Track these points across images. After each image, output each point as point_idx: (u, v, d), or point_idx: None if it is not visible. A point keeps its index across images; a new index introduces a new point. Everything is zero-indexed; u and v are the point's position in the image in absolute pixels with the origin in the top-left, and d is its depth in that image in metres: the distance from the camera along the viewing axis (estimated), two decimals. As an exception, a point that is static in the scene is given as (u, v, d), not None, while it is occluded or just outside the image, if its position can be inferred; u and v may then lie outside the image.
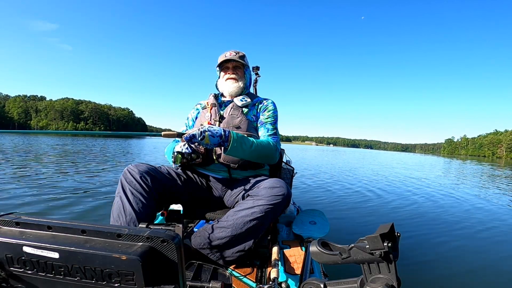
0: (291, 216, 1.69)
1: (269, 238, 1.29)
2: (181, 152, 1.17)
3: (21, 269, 0.44)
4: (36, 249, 0.42)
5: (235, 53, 1.42)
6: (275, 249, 1.09)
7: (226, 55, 1.41)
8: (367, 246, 0.49)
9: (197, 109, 1.49)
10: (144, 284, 0.41)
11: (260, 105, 1.43)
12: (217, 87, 1.50)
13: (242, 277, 1.05)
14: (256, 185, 1.16)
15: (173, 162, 1.16)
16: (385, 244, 0.47)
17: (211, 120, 1.34)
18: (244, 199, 1.16)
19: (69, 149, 11.56)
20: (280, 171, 1.68)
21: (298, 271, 1.10)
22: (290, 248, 1.29)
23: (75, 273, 0.42)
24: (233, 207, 1.15)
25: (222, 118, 1.34)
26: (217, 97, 1.45)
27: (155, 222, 1.32)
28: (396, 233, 0.50)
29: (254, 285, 1.01)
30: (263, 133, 1.35)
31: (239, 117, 1.33)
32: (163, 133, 1.06)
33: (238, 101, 1.38)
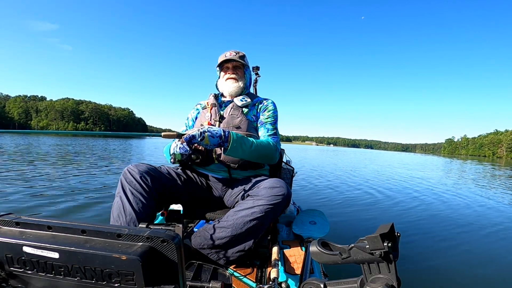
0: (291, 216, 1.69)
1: (269, 238, 1.29)
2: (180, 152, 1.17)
3: (21, 269, 0.44)
4: (36, 249, 0.42)
5: (235, 53, 1.42)
6: (275, 249, 1.09)
7: (226, 55, 1.41)
8: (367, 246, 0.49)
9: (197, 109, 1.49)
10: (144, 284, 0.41)
11: (260, 105, 1.42)
12: (217, 87, 1.51)
13: (242, 277, 1.05)
14: (256, 185, 1.16)
15: (172, 163, 1.17)
16: (385, 244, 0.47)
17: (211, 120, 1.34)
18: (244, 199, 1.16)
19: (70, 149, 11.57)
20: (280, 171, 1.68)
21: (298, 271, 1.10)
22: (290, 248, 1.29)
23: (75, 273, 0.42)
24: (233, 207, 1.15)
25: (222, 118, 1.34)
26: (217, 97, 1.45)
27: (155, 222, 1.32)
28: (396, 233, 0.50)
29: (254, 285, 1.01)
30: (263, 133, 1.35)
31: (239, 117, 1.33)
32: (163, 133, 1.06)
33: (238, 101, 1.38)
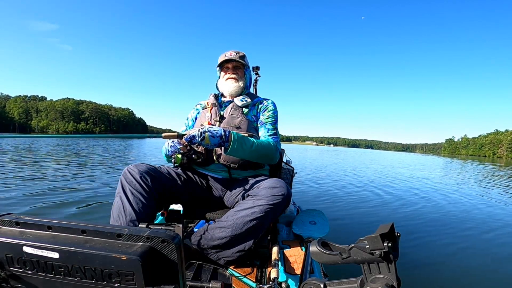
0: (291, 216, 1.69)
1: (269, 238, 1.29)
2: (181, 152, 1.18)
3: (21, 269, 0.44)
4: (36, 249, 0.42)
5: (235, 53, 1.42)
6: (275, 249, 1.09)
7: (226, 55, 1.42)
8: (367, 246, 0.49)
9: (197, 109, 1.49)
10: (144, 284, 0.41)
11: (260, 105, 1.43)
12: (217, 87, 1.51)
13: (242, 277, 1.05)
14: (256, 185, 1.16)
15: (173, 163, 1.16)
16: (385, 244, 0.47)
17: (211, 120, 1.34)
18: (244, 199, 1.16)
19: (70, 150, 11.57)
20: (280, 171, 1.68)
21: (298, 271, 1.10)
22: (290, 248, 1.29)
23: (75, 273, 0.42)
24: (233, 207, 1.15)
25: (222, 118, 1.34)
26: (217, 97, 1.45)
27: (155, 222, 1.32)
28: (396, 233, 0.50)
29: (254, 285, 1.01)
30: (263, 133, 1.35)
31: (239, 117, 1.33)
32: (163, 134, 1.06)
33: (238, 101, 1.38)
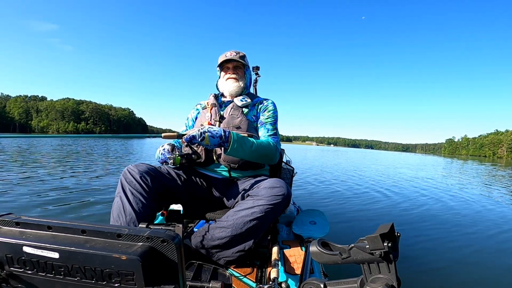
0: (291, 216, 1.69)
1: (269, 238, 1.29)
2: (181, 154, 1.18)
3: (21, 269, 0.44)
4: (36, 249, 0.42)
5: (235, 53, 1.42)
6: (275, 249, 1.09)
7: (227, 55, 1.42)
8: (367, 246, 0.49)
9: (197, 109, 1.49)
10: (144, 284, 0.41)
11: (260, 105, 1.43)
12: (218, 87, 1.51)
13: (242, 277, 1.05)
14: (256, 185, 1.16)
15: (172, 164, 1.17)
16: (385, 244, 0.47)
17: (211, 120, 1.34)
18: (244, 199, 1.16)
19: (70, 150, 11.58)
20: (280, 171, 1.68)
21: (298, 271, 1.10)
22: (290, 248, 1.29)
23: (75, 273, 0.42)
24: (233, 207, 1.15)
25: (222, 118, 1.34)
26: (217, 97, 1.45)
27: (155, 222, 1.32)
28: (396, 233, 0.50)
29: (254, 285, 1.01)
30: (263, 133, 1.35)
31: (239, 117, 1.33)
32: (163, 134, 1.06)
33: (238, 101, 1.38)
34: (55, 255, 0.42)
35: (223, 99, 1.46)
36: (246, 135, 1.21)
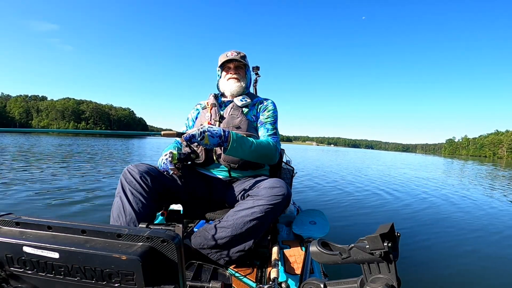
0: (291, 216, 1.69)
1: (269, 238, 1.29)
2: (179, 151, 1.17)
3: (21, 269, 0.44)
4: (36, 249, 0.42)
5: (236, 53, 1.42)
6: (275, 249, 1.09)
7: (228, 55, 1.41)
8: (367, 246, 0.49)
9: (197, 109, 1.49)
10: (144, 284, 0.41)
11: (260, 105, 1.42)
12: (218, 87, 1.50)
13: (242, 277, 1.05)
14: (256, 185, 1.16)
15: (170, 162, 1.15)
16: (385, 244, 0.47)
17: (211, 120, 1.34)
18: (244, 199, 1.16)
19: (70, 150, 11.58)
20: (280, 171, 1.68)
21: (298, 271, 1.10)
22: (290, 248, 1.29)
23: (75, 273, 0.42)
24: (233, 207, 1.15)
25: (222, 118, 1.34)
26: (217, 97, 1.45)
27: (155, 222, 1.32)
28: (396, 233, 0.49)
29: (254, 285, 1.01)
30: (263, 133, 1.35)
31: (239, 117, 1.33)
32: (162, 132, 1.06)
33: (238, 101, 1.38)
34: (55, 255, 0.42)
35: (223, 99, 1.46)
36: (246, 135, 1.20)
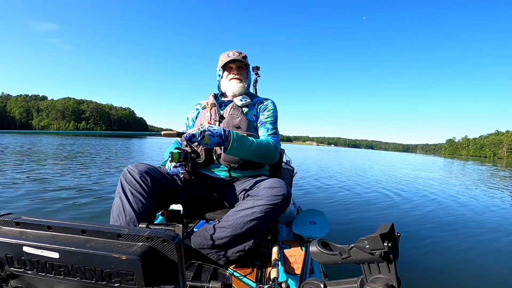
0: (291, 216, 1.69)
1: (269, 238, 1.29)
2: (180, 150, 1.16)
3: (21, 269, 0.44)
4: (36, 249, 0.42)
5: (238, 53, 1.42)
6: (275, 249, 1.09)
7: (230, 55, 1.41)
8: (367, 246, 0.49)
9: (197, 109, 1.49)
10: (144, 284, 0.41)
11: (260, 105, 1.42)
12: (220, 87, 1.50)
13: (242, 277, 1.05)
14: (256, 185, 1.16)
15: (170, 161, 1.14)
16: (385, 244, 0.47)
17: (211, 120, 1.34)
18: (244, 199, 1.16)
19: (70, 150, 11.58)
20: (280, 171, 1.68)
21: (298, 271, 1.10)
22: (290, 248, 1.29)
23: (75, 273, 0.42)
24: (233, 207, 1.15)
25: (222, 118, 1.34)
26: (217, 97, 1.45)
27: (155, 222, 1.32)
28: (396, 233, 0.50)
29: (254, 285, 1.01)
30: (263, 133, 1.35)
31: (239, 117, 1.33)
32: (162, 132, 1.06)
33: (238, 101, 1.38)
34: (55, 255, 0.42)
35: (223, 98, 1.46)
36: (246, 134, 1.20)
